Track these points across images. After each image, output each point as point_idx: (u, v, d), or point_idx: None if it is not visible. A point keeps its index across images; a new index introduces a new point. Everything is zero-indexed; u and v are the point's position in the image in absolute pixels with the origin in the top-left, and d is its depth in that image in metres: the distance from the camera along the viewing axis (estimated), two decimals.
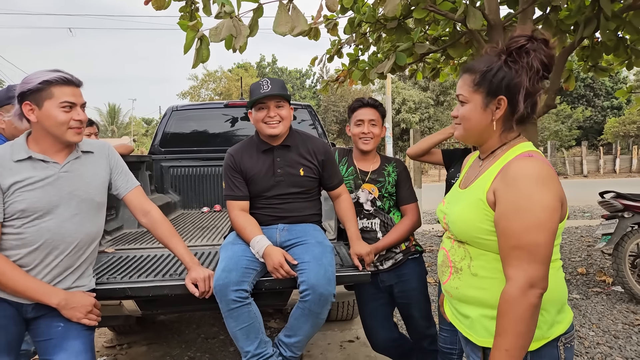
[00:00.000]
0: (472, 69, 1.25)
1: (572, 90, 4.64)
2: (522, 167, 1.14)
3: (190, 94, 30.30)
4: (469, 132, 1.29)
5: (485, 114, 1.23)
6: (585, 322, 3.58)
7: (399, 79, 28.17)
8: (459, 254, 1.30)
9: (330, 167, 2.14)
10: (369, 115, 2.17)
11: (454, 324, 1.36)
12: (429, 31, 4.53)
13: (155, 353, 3.22)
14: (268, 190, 2.08)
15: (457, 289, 1.30)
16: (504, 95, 1.20)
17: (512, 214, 1.11)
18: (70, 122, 1.61)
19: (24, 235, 1.59)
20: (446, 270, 1.35)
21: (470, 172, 1.38)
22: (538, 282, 1.09)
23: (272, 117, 2.01)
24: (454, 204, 1.33)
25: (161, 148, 4.21)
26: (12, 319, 1.61)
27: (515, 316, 1.08)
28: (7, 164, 1.58)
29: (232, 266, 1.83)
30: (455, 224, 1.28)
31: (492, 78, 1.20)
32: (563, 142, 27.52)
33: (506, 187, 1.14)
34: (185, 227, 3.22)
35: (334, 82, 5.23)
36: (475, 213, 1.21)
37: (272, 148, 2.09)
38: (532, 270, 1.09)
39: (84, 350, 1.64)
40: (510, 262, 1.12)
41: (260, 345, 1.83)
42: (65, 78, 1.62)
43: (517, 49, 1.18)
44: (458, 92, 1.29)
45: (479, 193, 1.22)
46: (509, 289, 1.10)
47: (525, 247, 1.09)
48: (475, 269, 1.25)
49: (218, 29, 2.40)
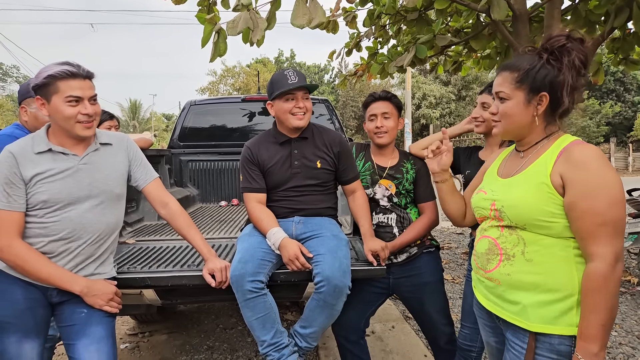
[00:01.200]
0: (513, 67, 1.32)
1: (600, 85, 4.49)
2: (587, 150, 1.21)
3: (209, 89, 30.58)
4: (510, 127, 1.35)
5: (527, 110, 1.31)
6: None
7: (419, 73, 27.81)
8: (510, 240, 1.32)
9: (346, 160, 2.12)
10: (382, 108, 2.14)
11: (494, 311, 1.38)
12: (451, 22, 4.44)
13: (176, 342, 3.28)
14: (285, 183, 2.08)
15: (508, 275, 1.31)
16: (546, 91, 1.28)
17: (595, 192, 1.17)
18: (78, 116, 1.60)
19: (46, 225, 1.63)
20: (494, 258, 1.36)
21: (510, 164, 1.43)
22: (622, 256, 1.17)
23: (300, 107, 2.00)
24: (506, 190, 1.35)
25: (180, 142, 4.26)
26: (39, 301, 1.67)
27: (609, 291, 1.14)
28: (29, 156, 1.62)
29: (248, 258, 1.84)
30: (514, 207, 1.29)
31: (535, 75, 1.28)
32: (590, 139, 26.76)
33: (577, 169, 1.20)
34: (203, 220, 3.25)
35: (352, 77, 5.19)
36: (538, 196, 1.24)
37: (290, 140, 2.09)
38: (617, 244, 1.16)
39: (106, 336, 1.69)
40: (598, 240, 1.16)
41: (276, 335, 1.85)
42: (70, 71, 1.58)
43: (559, 48, 1.26)
44: (498, 90, 1.34)
45: (540, 177, 1.26)
46: (600, 266, 1.15)
47: (611, 222, 1.16)
48: (530, 254, 1.28)
49: (235, 21, 2.41)
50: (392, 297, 2.34)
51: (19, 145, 1.64)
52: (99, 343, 1.66)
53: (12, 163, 1.59)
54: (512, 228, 1.32)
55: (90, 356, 1.63)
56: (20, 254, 1.59)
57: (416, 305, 2.21)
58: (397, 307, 3.85)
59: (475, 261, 1.46)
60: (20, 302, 1.63)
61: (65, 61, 1.62)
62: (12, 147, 1.63)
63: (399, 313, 3.73)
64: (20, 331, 1.61)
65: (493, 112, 1.38)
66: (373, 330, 3.36)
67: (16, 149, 1.62)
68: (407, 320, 3.58)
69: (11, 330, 1.61)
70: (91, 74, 1.65)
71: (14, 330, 1.61)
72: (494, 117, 1.40)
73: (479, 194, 1.46)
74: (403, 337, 3.25)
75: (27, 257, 1.59)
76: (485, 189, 1.45)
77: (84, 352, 1.63)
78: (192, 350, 3.14)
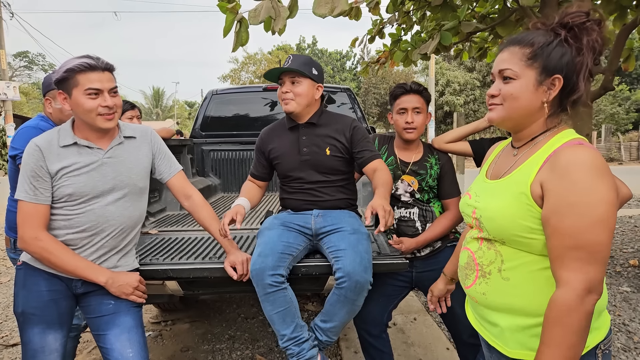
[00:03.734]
0: (524, 41, 1.11)
1: (631, 71, 4.28)
2: (575, 155, 1.00)
3: (230, 76, 30.70)
4: (512, 113, 1.12)
5: (536, 93, 1.09)
6: (635, 317, 3.39)
7: (443, 60, 27.27)
8: (487, 256, 1.17)
9: (359, 142, 2.04)
10: (413, 102, 2.06)
11: (478, 330, 1.25)
12: (477, 8, 4.30)
13: (198, 330, 3.32)
14: (294, 170, 2.07)
15: (484, 294, 1.17)
16: (560, 74, 1.07)
17: (568, 208, 0.98)
18: (98, 108, 1.60)
19: (70, 217, 1.66)
20: (471, 274, 1.22)
21: (501, 162, 1.24)
22: (597, 287, 0.97)
23: (284, 92, 2.00)
24: (487, 198, 1.18)
25: (202, 132, 4.27)
26: (63, 293, 1.70)
27: (570, 326, 0.96)
28: (55, 149, 1.64)
29: (267, 251, 1.83)
30: (491, 220, 1.13)
31: (551, 53, 1.07)
32: (619, 126, 25.90)
33: (558, 178, 1.00)
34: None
35: (375, 64, 5.10)
36: (517, 208, 1.07)
37: (298, 126, 2.08)
38: (592, 272, 0.96)
39: (135, 325, 1.72)
40: (566, 264, 0.98)
41: (296, 329, 1.85)
42: (88, 64, 1.58)
43: (579, 25, 1.06)
44: (504, 67, 1.12)
45: (521, 186, 1.08)
46: (565, 295, 0.97)
47: (584, 247, 0.96)
48: (507, 272, 1.12)
49: (257, 10, 2.37)
50: (414, 289, 2.31)
51: (45, 138, 1.65)
52: (130, 332, 1.69)
53: (39, 156, 1.61)
54: (490, 241, 1.17)
55: (122, 345, 1.67)
56: (47, 246, 1.61)
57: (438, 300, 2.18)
58: (419, 299, 3.82)
59: (458, 274, 1.33)
60: (44, 294, 1.66)
61: (84, 54, 1.62)
62: (39, 140, 1.64)
63: (421, 305, 3.70)
64: (44, 322, 1.64)
65: (493, 93, 1.15)
66: (395, 322, 3.34)
67: (42, 142, 1.63)
68: (429, 312, 3.54)
69: (35, 321, 1.64)
70: (110, 66, 1.65)
71: (38, 322, 1.64)
72: (492, 100, 1.17)
73: (465, 197, 1.30)
74: (425, 330, 3.22)
75: (53, 249, 1.62)
76: (471, 191, 1.28)
77: (116, 342, 1.67)
78: (214, 339, 3.18)
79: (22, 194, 1.61)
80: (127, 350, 1.66)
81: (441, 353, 2.87)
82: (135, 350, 1.68)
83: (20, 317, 1.66)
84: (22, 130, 2.14)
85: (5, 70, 16.28)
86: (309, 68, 2.01)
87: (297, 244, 1.95)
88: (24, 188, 1.61)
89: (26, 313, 1.65)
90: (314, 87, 2.04)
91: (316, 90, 2.05)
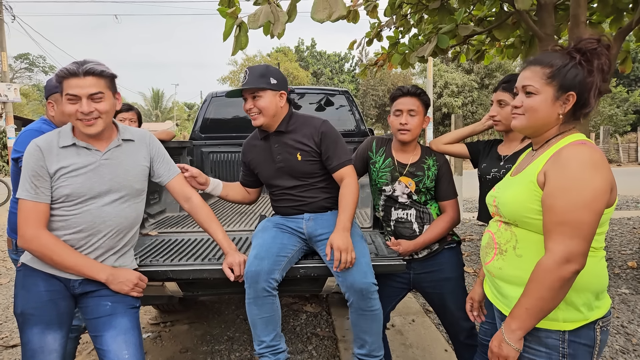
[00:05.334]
0: (544, 62, 1.32)
1: (628, 73, 4.32)
2: (575, 151, 1.22)
3: (230, 78, 30.73)
4: (532, 122, 1.34)
5: (553, 107, 1.31)
6: (634, 319, 3.41)
7: (441, 62, 27.33)
8: (505, 236, 1.38)
9: (327, 148, 2.02)
10: (409, 104, 2.09)
11: (493, 302, 1.45)
12: (474, 11, 4.34)
13: (197, 332, 3.34)
14: (273, 178, 2.11)
15: (500, 269, 1.38)
16: (574, 91, 1.28)
17: (559, 192, 1.19)
18: (77, 114, 1.63)
19: (68, 217, 1.68)
20: (490, 252, 1.43)
21: (522, 162, 1.47)
22: (576, 258, 1.16)
23: (249, 109, 2.01)
24: (505, 189, 1.41)
25: (201, 134, 4.30)
26: (61, 293, 1.71)
27: (543, 283, 1.18)
28: (55, 150, 1.67)
29: (264, 254, 1.85)
30: (505, 205, 1.36)
31: (566, 73, 1.28)
32: (617, 128, 25.95)
33: (557, 168, 1.22)
34: (223, 212, 3.29)
35: (373, 66, 5.13)
36: (526, 194, 1.29)
37: (269, 135, 2.10)
38: (572, 245, 1.16)
39: (131, 327, 1.73)
40: (552, 237, 1.19)
41: (276, 338, 1.86)
42: (68, 70, 1.61)
43: (591, 50, 1.27)
44: (527, 83, 1.33)
45: (530, 176, 1.30)
46: (545, 260, 1.19)
47: (568, 223, 1.17)
48: (520, 250, 1.33)
49: (256, 15, 2.40)
50: (413, 290, 2.33)
51: (45, 139, 1.69)
52: (126, 334, 1.70)
53: (39, 156, 1.64)
54: (507, 224, 1.38)
55: (119, 346, 1.68)
56: (48, 244, 1.64)
57: (437, 301, 2.20)
58: (418, 301, 3.84)
59: (480, 254, 1.53)
60: (43, 295, 1.67)
61: (75, 61, 1.65)
62: (39, 140, 1.68)
63: (419, 306, 3.72)
64: (43, 323, 1.66)
65: (517, 105, 1.37)
66: (393, 323, 3.36)
67: (42, 142, 1.67)
68: (427, 313, 3.57)
69: (34, 322, 1.65)
70: (93, 70, 1.62)
71: (37, 322, 1.65)
72: (516, 110, 1.38)
73: (491, 191, 1.53)
74: (423, 331, 3.24)
75: (54, 246, 1.64)
76: (496, 186, 1.52)
77: (112, 343, 1.68)
78: (213, 340, 3.19)
79: (24, 193, 1.64)
80: (123, 352, 1.67)
81: (439, 354, 2.89)
82: (131, 352, 1.69)
83: (20, 317, 1.67)
84: (25, 133, 2.16)
85: (6, 72, 16.29)
86: (266, 80, 1.98)
87: (291, 244, 1.97)
88: (25, 187, 1.64)
89: (25, 313, 1.66)
90: (276, 96, 2.02)
91: (279, 98, 2.03)
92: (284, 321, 3.49)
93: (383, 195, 2.17)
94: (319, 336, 3.23)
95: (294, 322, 3.49)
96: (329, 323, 3.46)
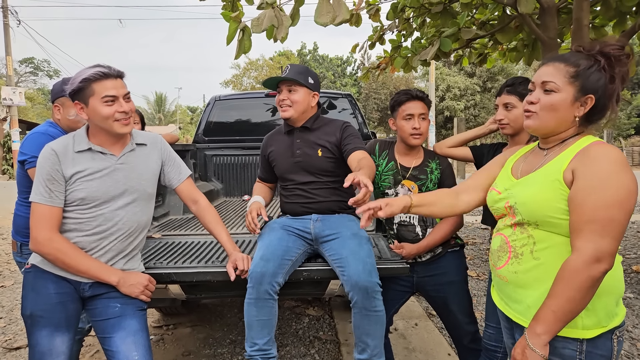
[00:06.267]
0: (569, 61, 1.27)
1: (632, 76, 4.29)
2: (603, 149, 1.19)
3: (232, 82, 30.82)
4: (548, 122, 1.28)
5: (571, 108, 1.26)
6: (638, 323, 3.39)
7: (443, 65, 27.33)
8: (520, 239, 1.31)
9: (347, 137, 2.13)
10: (419, 109, 2.09)
11: (502, 309, 1.38)
12: (476, 15, 4.34)
13: (199, 335, 3.34)
14: (288, 172, 2.18)
15: (515, 273, 1.31)
16: (594, 95, 1.24)
17: (591, 188, 1.14)
18: (115, 114, 1.66)
19: (81, 220, 1.70)
20: (503, 256, 1.36)
21: (530, 162, 1.39)
22: (606, 257, 1.11)
23: (282, 100, 2.12)
24: (521, 188, 1.33)
25: (205, 137, 4.32)
26: (71, 295, 1.72)
27: (573, 284, 1.12)
28: (70, 154, 1.69)
29: (269, 255, 1.86)
30: (526, 204, 1.28)
31: (590, 76, 1.24)
32: (621, 131, 25.91)
33: (587, 165, 1.18)
34: (227, 214, 3.29)
35: (375, 69, 5.14)
36: (551, 192, 1.23)
37: (294, 130, 2.20)
38: (603, 243, 1.11)
39: (140, 329, 1.75)
40: (581, 235, 1.14)
41: (269, 343, 1.86)
42: (102, 72, 1.64)
43: (616, 57, 1.24)
44: (548, 79, 1.27)
45: (555, 174, 1.24)
46: (574, 259, 1.13)
47: (599, 221, 1.12)
48: (538, 253, 1.27)
49: (260, 19, 2.41)
50: (416, 294, 2.32)
51: (61, 143, 1.71)
52: (135, 335, 1.72)
53: (55, 160, 1.66)
54: (523, 226, 1.31)
55: (128, 348, 1.69)
56: (61, 247, 1.65)
57: (440, 304, 2.20)
58: (421, 304, 3.83)
59: (490, 258, 1.47)
60: (53, 297, 1.68)
61: (96, 64, 1.68)
62: (55, 145, 1.70)
63: (422, 310, 3.71)
64: (52, 325, 1.66)
65: (533, 101, 1.29)
66: (396, 327, 3.35)
67: (58, 147, 1.69)
68: (430, 317, 3.55)
69: (43, 324, 1.66)
70: (122, 73, 1.71)
71: (46, 324, 1.66)
72: (529, 107, 1.31)
73: (492, 192, 1.45)
74: (426, 335, 3.23)
75: (67, 250, 1.66)
76: (498, 188, 1.43)
77: (122, 345, 1.69)
78: (215, 343, 3.19)
79: (38, 197, 1.65)
80: (133, 353, 1.68)
81: (443, 359, 2.88)
82: (141, 353, 1.70)
83: (29, 319, 1.68)
84: (32, 136, 2.17)
85: (12, 76, 16.39)
86: (304, 77, 2.11)
87: (296, 247, 1.97)
88: (39, 191, 1.66)
89: (34, 315, 1.67)
90: (309, 95, 2.16)
91: (312, 98, 2.17)
92: (287, 324, 3.49)
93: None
94: (321, 340, 3.22)
95: (297, 325, 3.49)
96: (331, 326, 3.46)
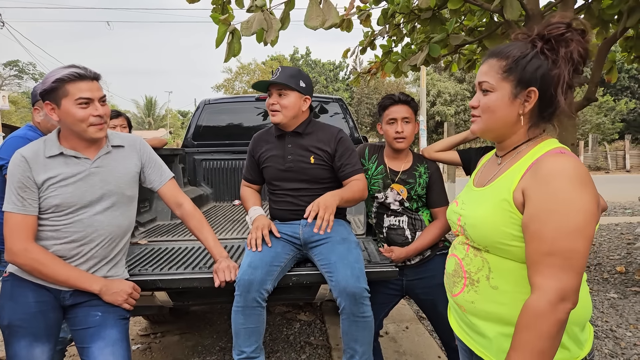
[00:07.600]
0: (501, 54, 1.11)
1: (615, 83, 4.38)
2: (557, 164, 1.01)
3: (224, 86, 30.72)
4: (491, 125, 1.15)
5: (512, 106, 1.10)
6: (622, 323, 3.43)
7: (434, 71, 27.61)
8: (475, 263, 1.16)
9: (343, 155, 2.07)
10: (402, 112, 2.09)
11: (463, 340, 1.22)
12: (465, 21, 4.38)
13: (188, 342, 3.29)
14: (280, 179, 2.11)
15: (472, 303, 1.16)
16: (535, 86, 1.07)
17: (546, 215, 0.98)
18: (90, 118, 1.59)
19: (58, 227, 1.63)
20: (459, 281, 1.21)
21: (486, 171, 1.26)
22: (570, 295, 0.95)
23: (272, 104, 2.06)
24: (472, 205, 1.19)
25: (194, 141, 4.28)
26: (50, 304, 1.66)
27: (540, 332, 0.95)
28: (41, 160, 1.61)
29: (257, 262, 1.83)
30: (475, 227, 1.13)
31: (526, 66, 1.07)
32: (605, 136, 26.32)
33: (539, 185, 1.00)
34: (216, 219, 3.26)
35: (366, 74, 5.16)
36: (500, 215, 1.07)
37: (285, 134, 2.12)
38: (566, 280, 0.95)
39: (120, 339, 1.68)
40: (541, 270, 0.97)
41: (256, 351, 1.84)
42: (78, 73, 1.57)
43: (556, 37, 1.05)
44: (481, 79, 1.14)
45: (504, 193, 1.08)
46: (536, 301, 0.96)
47: (560, 253, 0.95)
48: (495, 281, 1.11)
49: (249, 22, 2.40)
50: (406, 297, 2.31)
51: (31, 149, 1.63)
52: (114, 346, 1.65)
53: (25, 167, 1.59)
54: (476, 249, 1.16)
55: (106, 359, 1.62)
56: (38, 257, 1.59)
57: (429, 307, 2.20)
58: (411, 307, 3.83)
59: (445, 282, 1.31)
60: (32, 306, 1.62)
61: (71, 64, 1.61)
62: (24, 151, 1.62)
63: (413, 313, 3.70)
64: (31, 335, 1.60)
65: (474, 105, 1.17)
66: (387, 331, 3.34)
67: (28, 153, 1.61)
68: (421, 320, 3.55)
69: (22, 334, 1.60)
70: (98, 75, 1.64)
71: (25, 334, 1.60)
72: (473, 112, 1.18)
73: (452, 204, 1.31)
74: (417, 338, 3.22)
75: (44, 259, 1.59)
76: (458, 199, 1.29)
77: (99, 355, 1.62)
78: (204, 351, 3.15)
79: (10, 206, 1.59)
80: None
81: None
82: None
83: (6, 329, 1.61)
84: (10, 140, 2.13)
85: None
86: (296, 81, 2.04)
87: (285, 253, 1.95)
88: (11, 199, 1.59)
89: (12, 325, 1.60)
90: (301, 99, 2.07)
91: (303, 102, 2.09)
92: (278, 330, 3.46)
93: (375, 202, 2.17)
94: (312, 345, 3.20)
95: (288, 330, 3.46)
96: (322, 331, 3.43)
